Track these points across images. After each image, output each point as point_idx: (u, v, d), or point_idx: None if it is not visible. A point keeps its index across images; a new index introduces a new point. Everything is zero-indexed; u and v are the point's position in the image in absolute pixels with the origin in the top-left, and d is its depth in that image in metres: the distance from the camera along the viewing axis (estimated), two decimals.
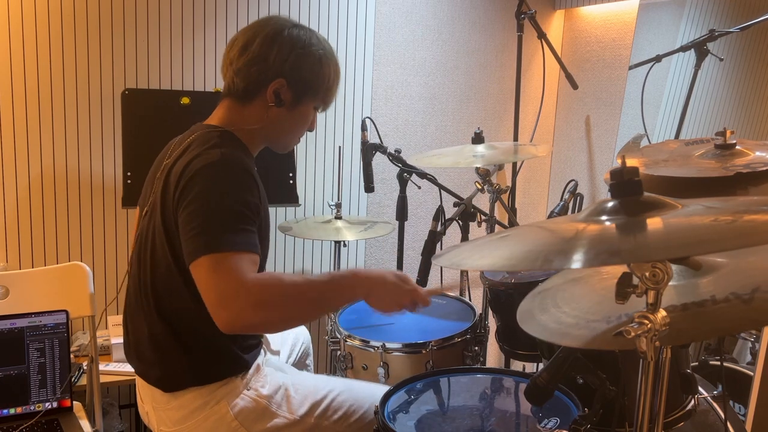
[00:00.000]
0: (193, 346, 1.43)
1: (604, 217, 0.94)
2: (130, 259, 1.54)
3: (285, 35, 1.46)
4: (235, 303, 1.22)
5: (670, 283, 1.00)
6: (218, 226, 1.28)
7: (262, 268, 1.49)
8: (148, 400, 1.52)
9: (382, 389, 1.62)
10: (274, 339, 1.86)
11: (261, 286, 1.25)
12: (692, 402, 1.41)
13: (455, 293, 2.16)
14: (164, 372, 1.46)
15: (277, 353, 1.84)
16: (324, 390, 1.55)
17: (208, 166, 1.34)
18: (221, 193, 1.32)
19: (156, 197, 1.44)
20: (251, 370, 1.50)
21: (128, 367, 1.68)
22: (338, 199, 2.44)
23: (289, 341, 1.93)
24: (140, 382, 1.54)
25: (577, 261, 0.82)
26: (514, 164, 2.95)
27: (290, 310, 1.30)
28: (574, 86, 2.76)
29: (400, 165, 2.26)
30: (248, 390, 1.48)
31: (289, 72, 1.46)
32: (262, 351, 1.59)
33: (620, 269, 1.08)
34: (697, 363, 1.89)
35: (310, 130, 1.60)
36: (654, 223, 0.89)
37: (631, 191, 0.95)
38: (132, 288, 1.52)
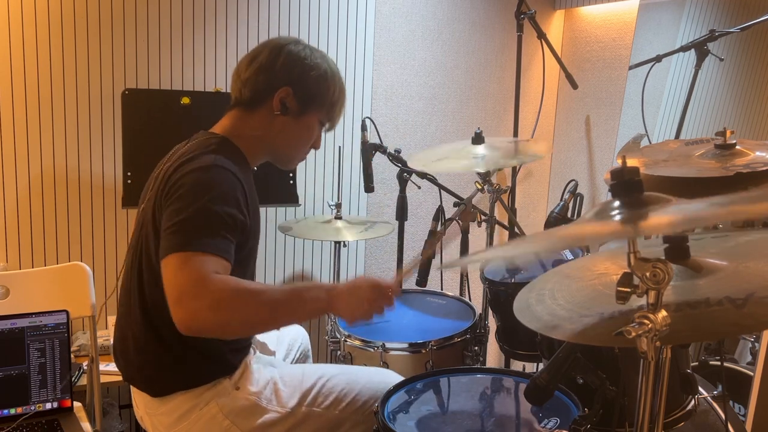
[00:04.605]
0: (179, 350, 1.43)
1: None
2: (122, 266, 1.54)
3: (291, 48, 1.52)
4: (192, 303, 1.20)
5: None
6: (194, 226, 1.28)
7: (251, 274, 1.51)
8: (142, 405, 1.52)
9: (374, 372, 1.62)
10: (270, 341, 1.86)
11: (220, 288, 1.22)
12: (692, 402, 1.41)
13: (449, 292, 2.16)
14: (151, 376, 1.47)
15: (272, 353, 1.83)
16: (313, 378, 1.55)
17: (197, 170, 1.35)
18: (204, 196, 1.31)
19: (149, 200, 1.45)
20: (239, 370, 1.50)
21: None
22: (338, 199, 2.44)
23: (285, 342, 1.93)
24: (133, 387, 1.54)
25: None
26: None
27: (247, 315, 1.26)
28: (574, 86, 2.76)
29: (400, 165, 2.26)
30: (237, 389, 1.48)
31: (296, 81, 1.50)
32: (251, 351, 1.59)
33: (617, 264, 1.08)
34: (697, 363, 1.89)
35: (316, 148, 1.62)
36: (654, 212, 0.89)
37: (631, 191, 0.95)
38: (122, 294, 1.53)
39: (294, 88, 1.50)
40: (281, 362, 1.78)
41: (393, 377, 1.61)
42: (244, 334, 1.53)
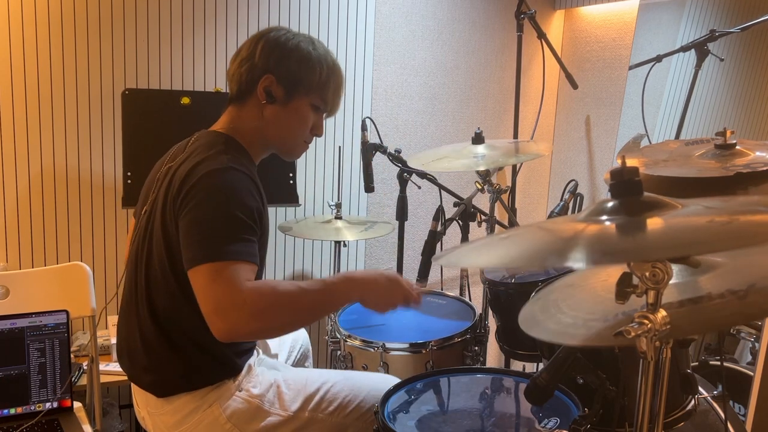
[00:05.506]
0: (186, 350, 1.43)
1: (603, 217, 0.94)
2: (126, 263, 1.54)
3: (271, 35, 1.51)
4: (232, 314, 1.24)
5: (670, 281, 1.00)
6: (220, 234, 1.29)
7: (260, 270, 1.50)
8: (143, 405, 1.52)
9: (378, 378, 1.62)
10: (272, 342, 1.86)
11: (257, 297, 1.26)
12: (692, 402, 1.41)
13: (449, 292, 2.16)
14: (156, 377, 1.46)
15: (275, 356, 1.83)
16: (317, 383, 1.55)
17: (212, 173, 1.35)
18: (225, 201, 1.33)
19: (157, 199, 1.44)
20: (243, 372, 1.50)
21: None
22: (338, 199, 2.44)
23: (288, 343, 1.93)
24: (135, 387, 1.54)
25: (574, 261, 0.82)
26: (514, 164, 2.95)
27: (286, 318, 1.32)
28: (574, 86, 2.76)
29: (400, 165, 2.26)
30: (240, 391, 1.48)
31: (275, 67, 1.49)
32: (254, 352, 1.59)
33: (619, 269, 1.08)
34: (697, 363, 1.89)
35: (318, 135, 1.60)
36: (653, 223, 0.89)
37: (631, 191, 0.95)
38: (126, 292, 1.52)
39: (276, 74, 1.48)
40: (284, 365, 1.78)
41: None
42: (283, 333, 1.65)
